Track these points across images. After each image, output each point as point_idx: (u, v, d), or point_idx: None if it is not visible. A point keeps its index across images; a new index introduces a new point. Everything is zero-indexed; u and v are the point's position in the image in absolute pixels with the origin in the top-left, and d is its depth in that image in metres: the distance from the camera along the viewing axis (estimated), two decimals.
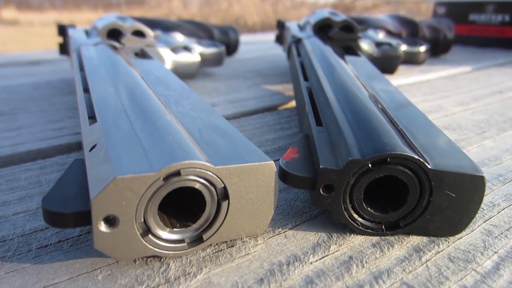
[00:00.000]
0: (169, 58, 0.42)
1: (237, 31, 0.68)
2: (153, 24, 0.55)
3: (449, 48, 0.67)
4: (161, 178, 0.14)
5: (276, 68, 0.58)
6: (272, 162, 0.17)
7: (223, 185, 0.16)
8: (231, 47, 0.65)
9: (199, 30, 0.62)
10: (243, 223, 0.17)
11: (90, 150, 0.17)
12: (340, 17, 0.47)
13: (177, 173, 0.15)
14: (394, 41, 0.47)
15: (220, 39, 0.64)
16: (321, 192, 0.17)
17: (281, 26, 0.56)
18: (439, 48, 0.66)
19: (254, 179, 0.16)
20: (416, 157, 0.16)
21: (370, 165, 0.16)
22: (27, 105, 0.39)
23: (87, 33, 0.46)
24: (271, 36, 1.01)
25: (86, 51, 0.35)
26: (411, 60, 0.50)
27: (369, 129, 0.18)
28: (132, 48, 0.40)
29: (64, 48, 0.50)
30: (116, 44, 0.39)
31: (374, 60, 0.45)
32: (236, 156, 0.16)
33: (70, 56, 0.44)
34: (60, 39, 0.50)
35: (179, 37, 0.55)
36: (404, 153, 0.16)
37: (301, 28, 0.50)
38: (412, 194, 0.17)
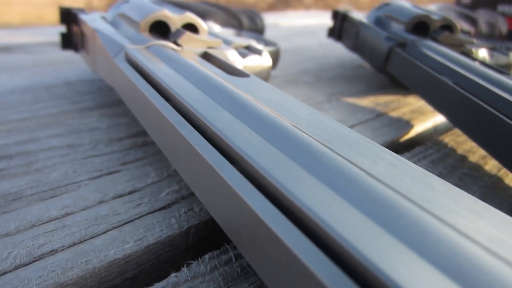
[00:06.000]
0: (240, 64, 0.30)
1: (261, 16, 0.56)
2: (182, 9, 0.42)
3: None
4: None
5: (328, 71, 0.47)
6: None
7: None
8: None
9: (230, 18, 0.50)
10: None
11: None
12: (437, 14, 0.37)
13: None
14: (497, 45, 0.39)
15: (249, 28, 0.53)
16: None
17: (340, 18, 0.45)
18: None
19: None
20: None
21: None
22: (39, 134, 0.26)
23: (106, 21, 0.33)
24: (271, 19, 0.89)
25: (151, 65, 0.23)
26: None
27: None
28: (193, 52, 0.28)
29: (68, 41, 0.36)
30: (172, 45, 0.27)
31: None
32: None
33: (89, 56, 0.31)
34: (63, 28, 0.36)
35: (215, 28, 0.43)
36: None
37: (379, 24, 0.40)
38: None
